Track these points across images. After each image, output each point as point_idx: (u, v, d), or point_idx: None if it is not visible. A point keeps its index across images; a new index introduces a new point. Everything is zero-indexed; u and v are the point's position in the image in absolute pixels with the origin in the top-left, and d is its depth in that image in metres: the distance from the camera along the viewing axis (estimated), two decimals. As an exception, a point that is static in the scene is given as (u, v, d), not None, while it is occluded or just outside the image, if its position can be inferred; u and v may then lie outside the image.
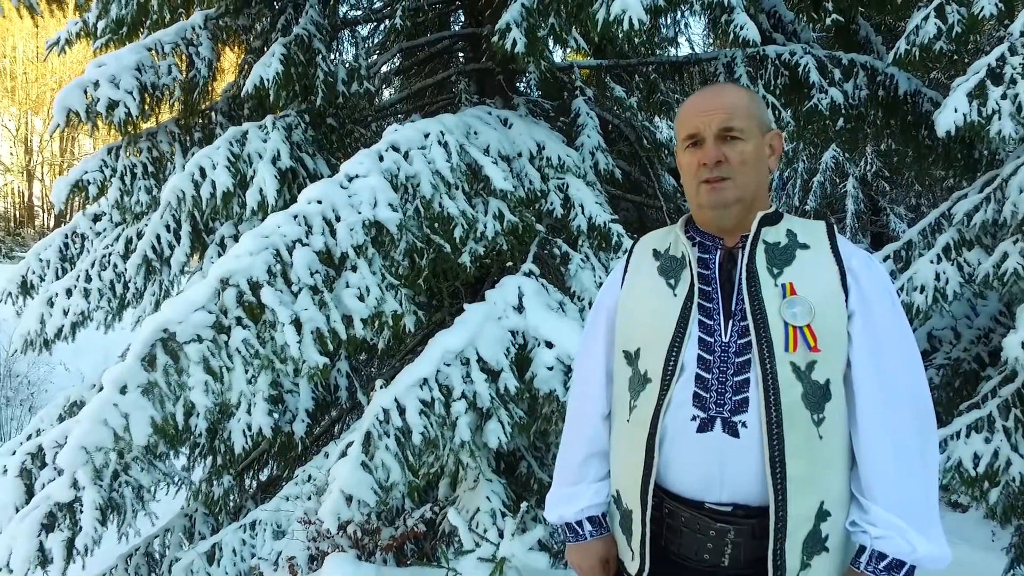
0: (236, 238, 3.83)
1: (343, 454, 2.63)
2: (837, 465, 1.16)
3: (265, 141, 3.47)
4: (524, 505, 2.01)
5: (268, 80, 3.38)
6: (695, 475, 1.16)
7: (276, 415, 3.82)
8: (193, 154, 3.62)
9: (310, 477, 3.75)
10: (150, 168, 4.12)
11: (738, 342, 1.16)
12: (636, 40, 4.69)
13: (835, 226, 1.26)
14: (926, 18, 3.15)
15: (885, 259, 3.42)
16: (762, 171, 1.23)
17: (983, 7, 2.97)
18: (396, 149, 3.04)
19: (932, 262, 2.98)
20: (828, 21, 3.71)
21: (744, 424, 1.13)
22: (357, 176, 2.84)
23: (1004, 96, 2.76)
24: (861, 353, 1.14)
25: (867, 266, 1.19)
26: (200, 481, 4.52)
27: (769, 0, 4.10)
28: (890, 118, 3.90)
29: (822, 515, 1.14)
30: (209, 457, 4.27)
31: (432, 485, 3.37)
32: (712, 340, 1.18)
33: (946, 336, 3.63)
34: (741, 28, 3.44)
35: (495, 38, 3.12)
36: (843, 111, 3.67)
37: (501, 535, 1.72)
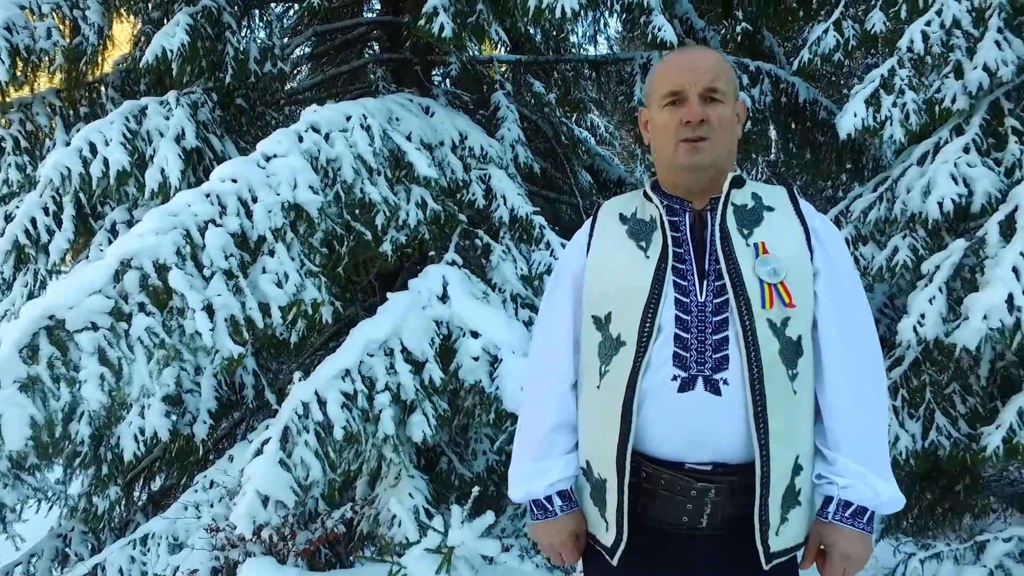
0: (131, 224, 3.50)
1: (258, 452, 2.44)
2: (808, 419, 1.19)
3: (168, 118, 3.19)
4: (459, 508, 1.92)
5: (172, 51, 3.11)
6: (676, 436, 1.14)
7: (174, 417, 3.51)
8: (78, 130, 3.27)
9: (212, 483, 3.46)
10: (23, 143, 3.70)
11: (714, 301, 1.16)
12: (564, 32, 4.74)
13: (795, 189, 1.29)
14: (826, 31, 3.41)
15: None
16: (734, 137, 1.25)
17: (875, 23, 3.25)
18: (316, 130, 2.88)
19: (833, 256, 3.18)
20: (738, 29, 3.91)
21: (726, 381, 1.13)
22: (275, 155, 2.67)
23: (894, 104, 3.01)
24: (827, 310, 1.18)
25: (826, 227, 1.24)
26: (79, 495, 4.06)
27: (682, 7, 4.26)
28: (791, 123, 4.16)
29: (796, 469, 1.16)
30: (92, 467, 3.86)
31: (349, 485, 3.22)
32: (688, 300, 1.16)
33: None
34: (659, 30, 3.53)
35: (421, 22, 3.04)
36: (750, 115, 3.88)
37: (448, 525, 1.63)
